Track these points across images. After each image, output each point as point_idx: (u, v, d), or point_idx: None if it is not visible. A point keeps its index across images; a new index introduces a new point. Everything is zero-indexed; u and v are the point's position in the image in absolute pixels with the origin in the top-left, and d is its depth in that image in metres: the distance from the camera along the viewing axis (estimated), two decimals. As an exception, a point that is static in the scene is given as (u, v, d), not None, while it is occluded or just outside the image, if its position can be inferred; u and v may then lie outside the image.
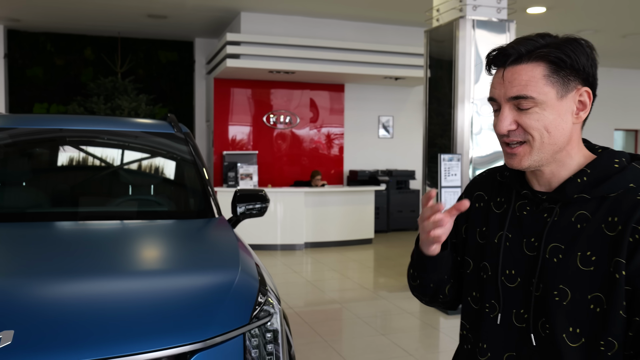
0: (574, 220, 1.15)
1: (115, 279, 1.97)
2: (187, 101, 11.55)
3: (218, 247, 2.38)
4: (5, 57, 10.32)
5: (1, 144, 3.15)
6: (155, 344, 1.60)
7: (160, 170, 3.33)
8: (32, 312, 1.66)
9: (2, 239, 2.35)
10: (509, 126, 1.15)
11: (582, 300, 1.12)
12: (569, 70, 1.14)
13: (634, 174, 1.14)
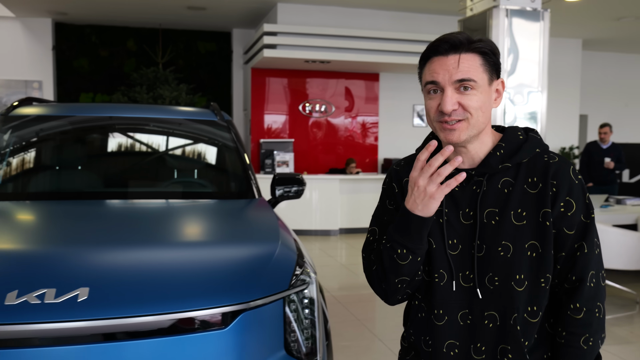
0: (501, 187, 1.39)
1: (170, 248, 2.22)
2: (225, 90, 11.84)
3: (260, 223, 2.60)
4: (53, 49, 10.77)
5: (59, 130, 3.44)
6: (206, 303, 1.83)
7: (204, 155, 3.58)
8: (101, 273, 1.91)
9: (66, 214, 2.62)
10: (452, 105, 1.33)
11: (521, 249, 1.36)
12: (493, 63, 1.38)
13: (536, 142, 1.41)
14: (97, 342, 1.72)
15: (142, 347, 1.75)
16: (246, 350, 1.87)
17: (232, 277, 1.99)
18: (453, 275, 1.40)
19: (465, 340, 1.40)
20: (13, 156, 3.24)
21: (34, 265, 1.92)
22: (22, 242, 2.24)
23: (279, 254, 2.14)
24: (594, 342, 1.36)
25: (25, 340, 1.68)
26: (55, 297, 1.71)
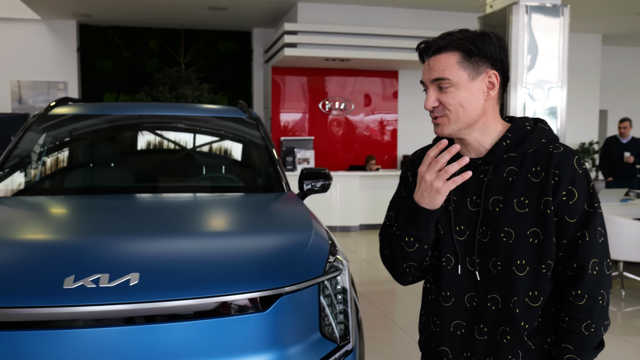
0: (506, 175, 1.45)
1: (210, 237, 2.35)
2: (246, 89, 12.00)
3: (293, 214, 2.72)
4: (78, 51, 11.01)
5: (95, 129, 3.59)
6: (247, 287, 1.95)
7: (234, 151, 3.71)
8: (150, 260, 2.04)
9: (110, 207, 2.78)
10: (433, 103, 1.43)
11: (523, 236, 1.42)
12: (478, 57, 1.41)
13: (542, 133, 1.47)
14: (147, 323, 1.85)
15: (188, 328, 1.87)
16: (284, 332, 1.99)
17: (270, 264, 2.10)
18: (459, 260, 1.48)
19: (470, 321, 1.48)
20: (52, 153, 3.39)
21: (88, 253, 2.06)
22: (74, 232, 2.39)
23: (313, 242, 2.26)
24: (595, 329, 1.39)
25: (82, 321, 1.81)
26: (109, 282, 1.84)
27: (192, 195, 3.10)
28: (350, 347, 2.15)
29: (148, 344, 1.83)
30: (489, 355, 1.46)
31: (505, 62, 1.46)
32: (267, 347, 1.94)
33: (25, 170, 3.22)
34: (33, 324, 1.79)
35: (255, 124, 3.64)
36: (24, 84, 10.79)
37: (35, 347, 1.76)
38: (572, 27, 8.43)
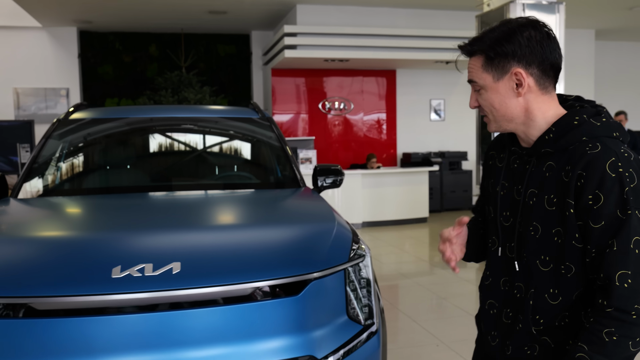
0: (544, 170, 1.43)
1: (242, 228, 2.51)
2: (245, 91, 12.13)
3: (314, 206, 2.87)
4: (79, 57, 11.12)
5: (116, 131, 3.73)
6: (280, 273, 2.09)
7: (250, 149, 3.86)
8: (190, 250, 2.18)
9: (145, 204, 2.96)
10: (473, 103, 1.50)
11: (549, 233, 1.41)
12: (500, 59, 1.41)
13: (588, 129, 1.38)
14: (190, 308, 1.98)
15: (227, 312, 2.01)
16: (314, 314, 2.13)
17: (299, 252, 2.25)
18: (500, 244, 1.55)
19: (501, 303, 1.55)
20: (78, 155, 3.53)
21: (131, 245, 2.20)
22: (115, 227, 2.52)
23: (337, 232, 2.40)
24: (619, 340, 1.29)
25: (129, 307, 1.95)
26: (154, 271, 1.98)
27: (215, 192, 3.24)
28: (375, 328, 2.29)
29: (191, 327, 1.96)
30: (508, 339, 1.51)
31: (540, 52, 1.40)
32: (299, 328, 2.08)
33: (54, 172, 3.35)
34: (86, 311, 1.92)
35: (268, 124, 3.78)
36: (26, 91, 10.90)
37: (88, 332, 1.90)
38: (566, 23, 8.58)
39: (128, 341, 1.91)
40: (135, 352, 1.91)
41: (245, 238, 2.37)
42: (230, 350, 1.98)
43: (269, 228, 2.53)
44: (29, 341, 1.87)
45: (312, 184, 3.60)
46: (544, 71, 1.41)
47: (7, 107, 10.70)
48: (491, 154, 1.66)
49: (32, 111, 10.90)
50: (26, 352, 1.86)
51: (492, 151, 1.66)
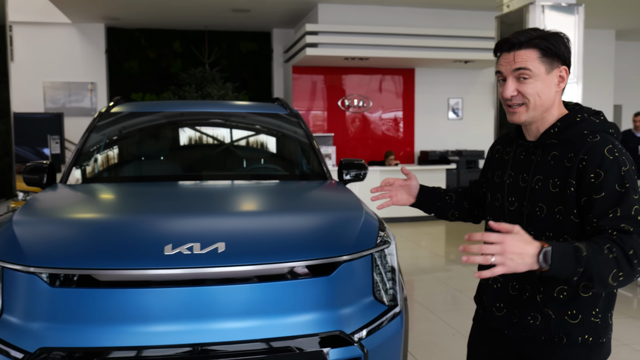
0: (549, 159, 1.66)
1: (278, 214, 2.73)
2: (266, 88, 12.36)
3: (342, 196, 3.07)
4: (106, 53, 11.43)
5: (156, 124, 3.97)
6: (313, 255, 2.30)
7: (279, 144, 4.08)
8: (233, 232, 2.41)
9: (190, 190, 3.24)
10: (512, 92, 1.64)
11: (552, 212, 1.63)
12: (553, 55, 1.63)
13: (588, 125, 1.64)
14: (233, 284, 2.20)
15: (266, 288, 2.23)
16: (344, 293, 2.33)
17: (331, 236, 2.46)
18: None
19: (506, 277, 1.74)
20: (123, 145, 3.78)
21: (181, 226, 2.44)
22: (166, 210, 2.76)
23: (365, 219, 2.61)
24: (612, 259, 1.43)
25: (180, 281, 2.17)
26: (201, 249, 2.20)
27: (250, 182, 3.46)
28: (398, 309, 2.49)
29: (233, 300, 2.19)
30: (515, 308, 1.71)
31: (570, 60, 1.67)
32: (329, 305, 2.29)
33: (98, 161, 3.60)
34: (141, 283, 2.15)
35: (296, 120, 4.00)
36: (55, 85, 11.23)
37: (142, 302, 2.12)
38: (586, 23, 8.66)
39: (176, 311, 2.14)
40: (182, 320, 2.14)
41: (282, 223, 2.59)
42: (267, 322, 2.20)
43: (303, 214, 2.75)
44: (92, 308, 2.10)
45: (337, 177, 3.81)
46: (568, 75, 1.68)
47: (37, 100, 11.04)
48: (497, 149, 1.90)
49: (61, 104, 11.22)
50: (90, 317, 2.09)
51: (499, 146, 1.90)
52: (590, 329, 1.65)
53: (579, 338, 1.65)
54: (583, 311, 1.64)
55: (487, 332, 1.87)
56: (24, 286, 2.17)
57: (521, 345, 1.75)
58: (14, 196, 5.94)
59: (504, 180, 1.80)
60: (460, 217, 2.09)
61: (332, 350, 2.18)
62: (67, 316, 2.12)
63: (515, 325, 1.73)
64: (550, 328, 1.66)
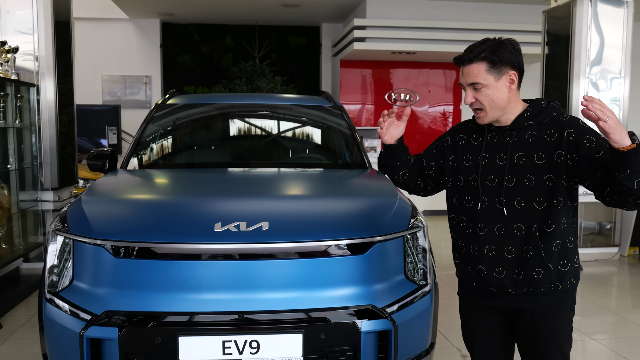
0: (526, 138, 2.01)
1: (318, 197, 2.96)
2: (314, 81, 12.59)
3: (379, 183, 3.26)
4: (160, 47, 11.88)
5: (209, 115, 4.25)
6: (350, 235, 2.49)
7: (322, 134, 4.30)
8: (276, 212, 2.63)
9: (237, 175, 3.52)
10: (471, 100, 2.02)
11: (541, 180, 1.98)
12: (500, 64, 1.97)
13: (553, 109, 2.04)
14: (274, 259, 2.43)
15: (305, 264, 2.44)
16: (377, 271, 2.52)
17: (366, 219, 2.65)
18: (491, 200, 2.05)
19: (499, 244, 2.05)
20: (171, 135, 4.07)
21: (230, 206, 2.69)
22: (216, 192, 3.03)
23: (399, 204, 2.79)
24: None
25: (228, 255, 2.41)
26: (247, 227, 2.43)
27: (292, 169, 3.69)
28: (428, 289, 2.66)
29: (275, 274, 2.41)
30: (517, 267, 2.03)
31: (520, 61, 2.01)
32: (363, 282, 2.48)
33: (155, 148, 3.90)
34: (193, 256, 2.40)
35: (340, 112, 4.20)
36: (112, 78, 11.76)
37: (194, 273, 2.37)
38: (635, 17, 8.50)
39: (224, 282, 2.37)
40: (229, 290, 2.37)
41: (321, 205, 2.80)
42: (305, 295, 2.41)
43: (341, 198, 2.95)
44: (150, 277, 2.36)
45: (378, 167, 3.99)
46: (520, 74, 2.04)
47: (96, 93, 11.59)
48: (460, 137, 2.20)
49: (117, 97, 11.75)
50: (148, 285, 2.36)
51: (461, 134, 2.21)
52: (574, 274, 2.06)
53: (567, 283, 2.02)
54: (570, 260, 2.01)
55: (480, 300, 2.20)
56: (92, 257, 2.45)
57: (520, 300, 2.05)
58: (76, 182, 6.36)
59: (477, 162, 2.09)
60: (406, 181, 2.41)
61: (364, 322, 2.38)
62: (128, 284, 2.39)
63: (519, 282, 2.02)
64: (550, 278, 1.99)
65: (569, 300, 2.09)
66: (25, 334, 4.12)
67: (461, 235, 2.21)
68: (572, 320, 2.14)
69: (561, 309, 2.08)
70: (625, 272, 6.33)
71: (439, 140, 2.32)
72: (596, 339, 4.12)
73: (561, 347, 2.09)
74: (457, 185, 2.19)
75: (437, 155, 2.29)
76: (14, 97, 5.26)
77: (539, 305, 2.05)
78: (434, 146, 2.33)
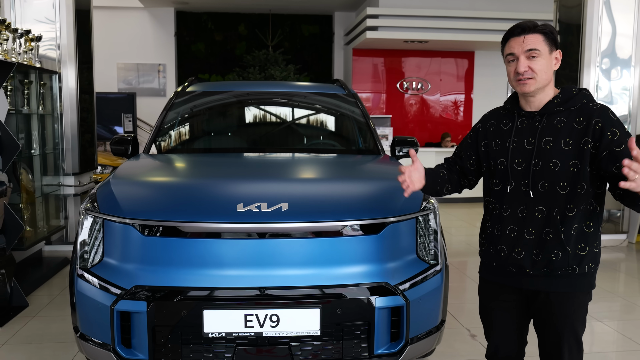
0: (555, 123, 2.07)
1: (335, 180, 3.10)
2: (327, 70, 12.68)
3: (392, 168, 3.37)
4: (175, 36, 12.01)
5: (228, 102, 4.39)
6: (365, 215, 2.62)
7: (337, 121, 4.42)
8: (295, 194, 2.76)
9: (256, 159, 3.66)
10: (524, 67, 2.04)
11: (566, 166, 2.03)
12: (552, 40, 2.06)
13: (583, 96, 2.08)
14: (293, 238, 2.56)
15: (322, 243, 2.57)
16: (390, 250, 2.65)
17: (381, 200, 2.77)
18: (517, 183, 2.13)
19: (520, 226, 2.13)
20: (190, 121, 4.21)
21: (251, 188, 2.82)
22: (239, 175, 3.17)
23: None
24: None
25: (250, 234, 2.54)
26: (268, 208, 2.56)
27: (309, 154, 3.83)
28: (439, 268, 2.79)
29: (294, 252, 2.54)
30: (536, 249, 2.10)
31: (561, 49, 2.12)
32: (377, 260, 2.61)
33: (175, 134, 4.05)
34: (216, 234, 2.54)
35: (354, 100, 4.32)
36: (127, 66, 11.92)
37: (218, 250, 2.52)
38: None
39: (245, 259, 2.51)
40: (250, 267, 2.51)
41: (338, 188, 2.92)
42: (322, 272, 2.54)
43: (356, 182, 3.08)
44: (176, 254, 2.51)
45: (390, 153, 4.11)
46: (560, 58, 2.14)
47: (111, 81, 11.77)
48: (491, 123, 2.29)
49: (132, 85, 11.91)
50: (174, 261, 2.50)
51: (492, 120, 2.29)
52: (593, 259, 2.11)
53: (585, 267, 2.08)
54: (589, 244, 2.08)
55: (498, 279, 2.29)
56: (121, 235, 2.59)
57: (538, 281, 2.14)
58: (95, 168, 6.53)
59: (507, 146, 2.18)
60: (452, 190, 2.44)
61: (378, 298, 2.51)
62: (156, 260, 2.53)
63: (537, 263, 2.12)
64: (568, 261, 2.07)
65: (585, 284, 2.13)
66: (50, 312, 4.30)
67: (489, 217, 2.31)
68: (587, 304, 2.18)
69: (577, 291, 2.13)
70: (634, 258, 6.42)
71: (472, 129, 2.42)
72: (604, 322, 4.24)
73: (575, 329, 2.16)
74: (489, 170, 2.29)
75: (473, 144, 2.38)
76: (38, 85, 5.42)
77: (554, 287, 2.12)
78: (469, 136, 2.40)
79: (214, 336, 2.45)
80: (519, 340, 2.36)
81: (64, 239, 6.03)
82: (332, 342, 2.50)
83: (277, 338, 2.48)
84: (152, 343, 2.45)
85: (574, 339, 2.17)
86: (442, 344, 3.11)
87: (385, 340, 2.58)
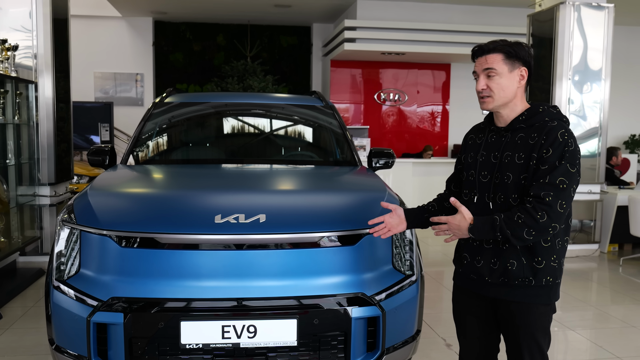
0: (516, 139, 2.14)
1: (312, 192, 3.12)
2: (305, 81, 12.75)
3: (368, 179, 3.43)
4: (153, 45, 11.99)
5: (203, 113, 4.40)
6: (341, 227, 2.65)
7: (314, 132, 4.46)
8: (272, 206, 2.79)
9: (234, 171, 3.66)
10: (482, 86, 2.14)
11: (517, 179, 2.12)
12: (514, 58, 2.12)
13: (548, 114, 2.14)
14: (271, 249, 2.58)
15: (299, 254, 2.60)
16: (366, 261, 2.69)
17: (356, 212, 2.81)
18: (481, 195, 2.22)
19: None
20: (168, 132, 4.22)
21: (229, 200, 2.84)
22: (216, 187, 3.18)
23: (387, 198, 2.95)
24: (525, 223, 2.00)
25: (227, 245, 2.56)
26: (245, 219, 2.58)
27: (286, 166, 3.86)
28: (414, 278, 2.83)
29: (271, 263, 2.57)
30: (493, 257, 2.18)
31: (531, 63, 2.17)
32: (353, 271, 2.65)
33: (153, 145, 4.05)
34: (194, 246, 2.55)
35: (331, 111, 4.36)
36: (105, 76, 11.85)
37: (195, 261, 2.53)
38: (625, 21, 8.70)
39: (223, 270, 2.53)
40: (228, 278, 2.53)
41: (314, 199, 2.96)
42: (299, 283, 2.57)
43: (333, 193, 3.12)
44: (153, 265, 2.51)
45: (367, 164, 4.16)
46: (529, 74, 2.19)
47: (88, 90, 11.68)
48: (471, 137, 2.40)
49: (110, 94, 11.84)
50: (151, 273, 2.51)
51: (472, 135, 2.40)
52: (551, 273, 2.13)
53: (543, 280, 2.13)
54: (545, 258, 2.13)
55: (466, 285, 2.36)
56: (98, 246, 2.59)
57: (497, 290, 2.21)
58: (71, 178, 6.48)
59: (476, 159, 2.27)
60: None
61: (354, 308, 2.55)
62: (133, 271, 2.53)
63: (494, 271, 2.19)
64: (523, 271, 2.13)
65: (544, 296, 2.16)
66: (24, 324, 4.25)
67: None
68: (550, 315, 2.22)
69: (536, 302, 2.17)
70: (605, 267, 6.55)
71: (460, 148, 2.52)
72: (576, 331, 4.32)
73: (536, 339, 2.21)
74: (463, 181, 2.39)
75: (460, 158, 2.48)
76: (13, 94, 5.38)
77: (512, 297, 2.18)
78: (459, 151, 2.51)
79: (191, 347, 2.46)
80: (488, 346, 2.41)
81: (38, 250, 5.96)
82: (309, 353, 2.53)
83: (255, 349, 2.50)
84: (129, 355, 2.44)
85: (536, 348, 2.22)
86: (418, 353, 3.15)
87: (362, 350, 2.61)
